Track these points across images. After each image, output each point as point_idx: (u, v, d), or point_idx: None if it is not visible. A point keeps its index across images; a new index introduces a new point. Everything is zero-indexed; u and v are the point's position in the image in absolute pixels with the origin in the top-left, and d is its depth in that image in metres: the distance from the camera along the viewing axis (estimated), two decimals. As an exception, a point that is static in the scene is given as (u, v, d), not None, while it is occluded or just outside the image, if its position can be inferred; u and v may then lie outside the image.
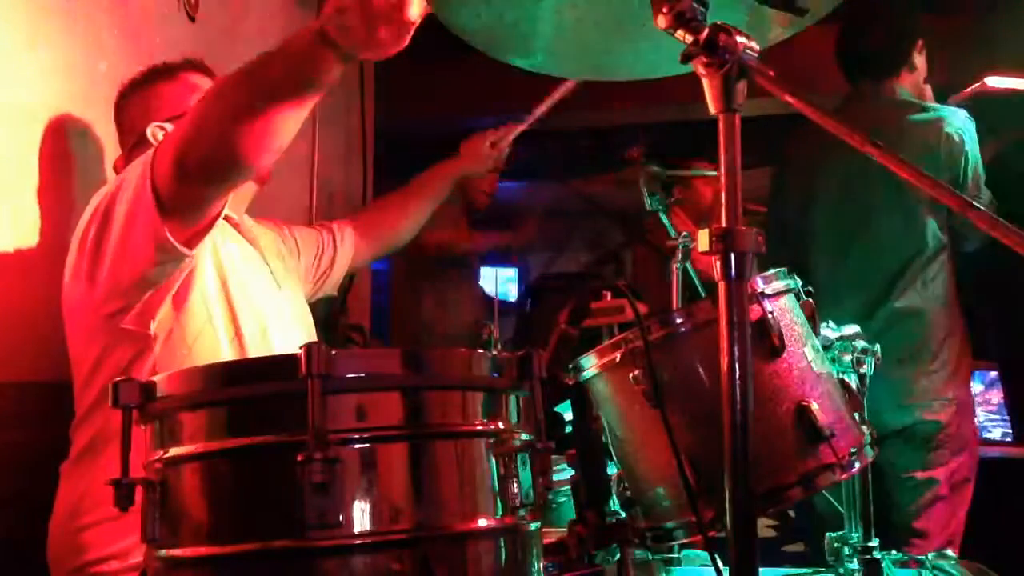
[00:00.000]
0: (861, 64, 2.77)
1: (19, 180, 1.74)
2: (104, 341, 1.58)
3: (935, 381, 2.61)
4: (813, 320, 1.43)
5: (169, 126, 1.73)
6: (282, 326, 1.78)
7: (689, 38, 1.04)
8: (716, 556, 1.24)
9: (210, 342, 1.61)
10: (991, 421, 3.59)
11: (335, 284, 2.24)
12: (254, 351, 1.67)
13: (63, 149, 1.86)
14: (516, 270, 4.98)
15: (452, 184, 2.33)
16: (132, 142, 1.78)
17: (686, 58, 1.04)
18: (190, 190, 1.48)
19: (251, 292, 1.74)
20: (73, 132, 1.89)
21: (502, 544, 1.03)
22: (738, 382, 0.97)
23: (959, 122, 2.62)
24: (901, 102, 2.74)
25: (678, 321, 1.34)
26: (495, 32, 1.33)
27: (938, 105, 2.74)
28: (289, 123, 1.42)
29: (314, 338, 1.92)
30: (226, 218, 1.75)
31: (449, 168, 2.35)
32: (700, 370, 1.32)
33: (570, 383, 1.40)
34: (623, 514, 1.38)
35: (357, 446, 0.97)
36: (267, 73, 1.40)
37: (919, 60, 2.77)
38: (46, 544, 1.61)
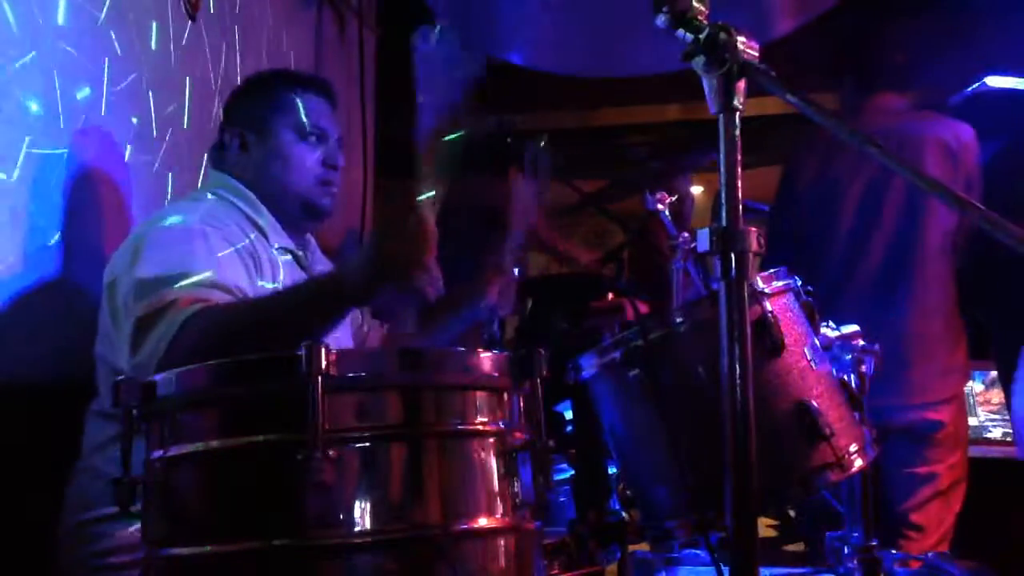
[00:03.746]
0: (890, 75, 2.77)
1: (20, 180, 1.74)
2: None
3: (935, 378, 2.63)
4: (813, 320, 1.43)
5: (241, 129, 1.84)
6: None
7: (689, 37, 1.04)
8: (716, 556, 1.24)
9: None
10: (991, 421, 3.59)
11: None
12: None
13: (64, 149, 1.86)
14: (516, 270, 4.99)
15: (456, 321, 2.31)
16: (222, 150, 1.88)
17: (686, 57, 1.04)
18: None
19: None
20: (74, 132, 1.89)
21: (502, 544, 1.03)
22: (738, 382, 0.97)
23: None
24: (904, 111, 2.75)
25: (678, 320, 1.34)
26: (490, 30, 1.34)
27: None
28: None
29: None
30: (289, 251, 1.82)
31: (447, 308, 2.32)
32: (700, 370, 1.32)
33: (570, 383, 1.40)
34: (623, 514, 1.38)
35: (357, 445, 0.97)
36: (276, 317, 1.48)
37: None
38: (49, 543, 1.62)
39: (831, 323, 1.53)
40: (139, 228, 1.65)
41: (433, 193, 1.45)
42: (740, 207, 1.00)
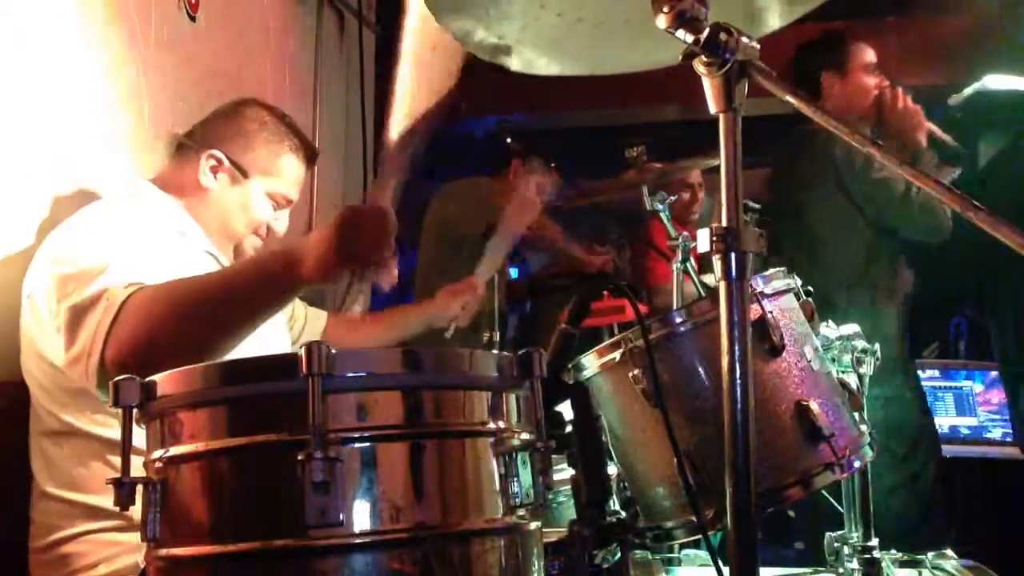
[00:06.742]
0: None
1: (17, 181, 1.74)
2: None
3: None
4: (813, 320, 1.43)
5: (223, 157, 1.80)
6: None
7: (690, 37, 1.03)
8: (716, 556, 1.24)
9: None
10: (991, 421, 3.59)
11: None
12: None
13: (61, 150, 1.85)
14: (517, 269, 4.98)
15: (421, 326, 2.35)
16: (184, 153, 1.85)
17: (686, 58, 1.04)
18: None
19: None
20: (71, 132, 1.88)
21: (502, 543, 1.03)
22: (738, 382, 0.97)
23: None
24: None
25: (678, 320, 1.34)
26: (487, 33, 1.34)
27: None
28: (246, 330, 1.45)
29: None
30: (212, 255, 1.79)
31: (419, 312, 2.38)
32: (700, 370, 1.32)
33: (570, 383, 1.40)
34: (623, 514, 1.38)
35: (358, 445, 0.96)
36: (224, 291, 1.45)
37: None
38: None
39: (831, 323, 1.53)
40: (53, 234, 1.60)
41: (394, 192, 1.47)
42: (740, 207, 1.00)
